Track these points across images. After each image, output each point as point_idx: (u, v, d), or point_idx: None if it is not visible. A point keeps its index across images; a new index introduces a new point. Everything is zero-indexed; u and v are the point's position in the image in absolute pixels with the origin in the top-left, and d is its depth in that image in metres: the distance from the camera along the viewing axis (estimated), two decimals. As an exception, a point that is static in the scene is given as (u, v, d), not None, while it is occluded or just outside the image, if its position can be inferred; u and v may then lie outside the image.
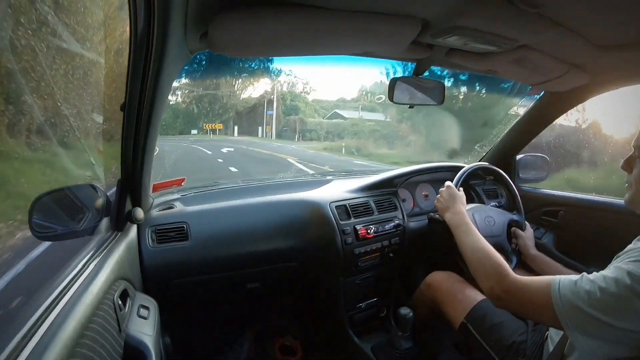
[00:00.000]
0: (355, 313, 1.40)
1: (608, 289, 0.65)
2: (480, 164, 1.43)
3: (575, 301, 0.67)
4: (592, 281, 0.68)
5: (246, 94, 17.61)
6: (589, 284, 0.67)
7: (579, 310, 0.66)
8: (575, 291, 0.68)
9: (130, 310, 0.81)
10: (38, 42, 1.17)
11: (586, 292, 0.67)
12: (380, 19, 0.75)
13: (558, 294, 0.70)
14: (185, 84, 15.42)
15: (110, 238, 0.93)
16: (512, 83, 2.09)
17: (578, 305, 0.67)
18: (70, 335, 0.55)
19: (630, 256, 0.69)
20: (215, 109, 16.97)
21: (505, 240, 1.29)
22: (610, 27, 0.84)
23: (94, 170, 1.28)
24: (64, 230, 0.84)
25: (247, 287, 1.28)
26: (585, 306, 0.66)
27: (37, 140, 1.75)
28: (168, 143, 11.89)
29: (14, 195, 1.66)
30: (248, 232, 1.23)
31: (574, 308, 0.67)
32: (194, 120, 16.83)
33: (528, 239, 1.30)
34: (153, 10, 0.60)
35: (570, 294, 0.68)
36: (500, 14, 0.73)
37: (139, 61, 0.70)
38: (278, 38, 0.77)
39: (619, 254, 0.74)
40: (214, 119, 16.77)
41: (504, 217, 1.32)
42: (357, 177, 1.67)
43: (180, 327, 1.39)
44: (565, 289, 0.70)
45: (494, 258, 0.88)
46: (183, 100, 16.08)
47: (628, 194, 0.82)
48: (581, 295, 0.67)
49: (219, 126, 16.89)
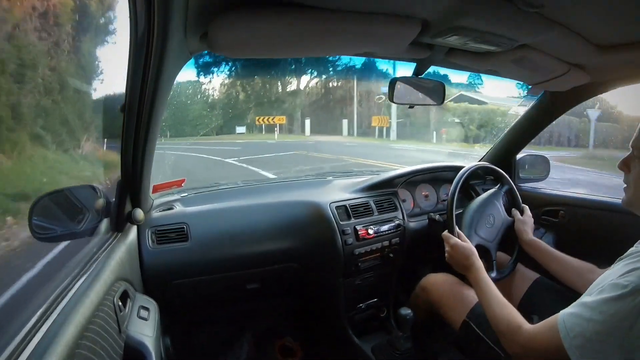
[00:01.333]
0: (355, 313, 1.40)
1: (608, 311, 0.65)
2: (480, 163, 1.42)
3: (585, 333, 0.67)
4: (592, 308, 0.68)
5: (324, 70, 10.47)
6: (589, 312, 0.68)
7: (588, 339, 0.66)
8: (579, 323, 0.68)
9: (130, 311, 0.81)
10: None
11: (589, 320, 0.67)
12: (380, 20, 0.74)
13: (564, 329, 0.69)
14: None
15: (110, 239, 0.93)
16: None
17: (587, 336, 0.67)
18: (70, 336, 0.55)
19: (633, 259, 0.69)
20: (273, 93, 11.13)
21: (494, 247, 1.26)
22: (611, 26, 0.84)
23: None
24: (64, 232, 0.84)
25: (247, 288, 1.28)
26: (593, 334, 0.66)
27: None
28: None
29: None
30: (248, 232, 1.23)
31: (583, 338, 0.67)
32: (240, 112, 11.36)
33: (525, 223, 1.27)
34: (153, 11, 0.60)
35: (579, 327, 0.68)
36: (501, 13, 0.73)
37: (139, 62, 0.70)
38: (278, 39, 0.77)
39: (622, 257, 0.74)
40: (270, 109, 11.08)
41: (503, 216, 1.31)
42: (357, 177, 1.67)
43: (180, 328, 1.39)
44: (570, 323, 0.69)
45: (508, 313, 0.87)
46: (222, 84, 10.40)
47: (626, 195, 0.81)
48: (586, 326, 0.67)
49: (280, 120, 11.03)
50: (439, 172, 1.60)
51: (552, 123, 1.52)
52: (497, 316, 0.88)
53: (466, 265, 1.05)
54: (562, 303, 0.98)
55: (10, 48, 1.14)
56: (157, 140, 0.93)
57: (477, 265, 1.04)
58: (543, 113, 1.48)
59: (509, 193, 1.35)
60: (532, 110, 1.50)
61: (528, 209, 1.32)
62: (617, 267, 0.72)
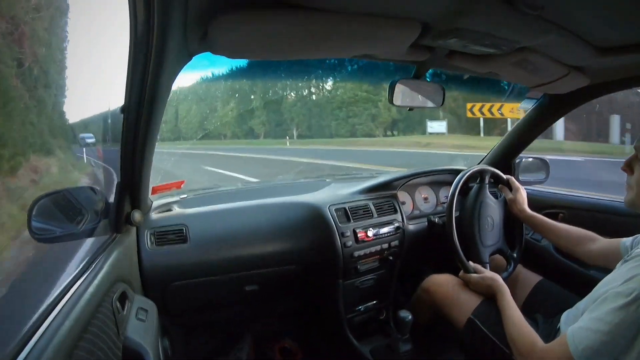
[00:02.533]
0: (354, 316, 1.39)
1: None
2: (479, 166, 1.43)
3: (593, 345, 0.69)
4: (598, 320, 0.69)
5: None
6: (596, 324, 0.69)
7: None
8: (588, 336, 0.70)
9: (129, 313, 0.81)
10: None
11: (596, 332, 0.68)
12: (380, 22, 0.74)
13: (573, 344, 0.71)
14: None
15: (109, 240, 0.93)
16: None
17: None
18: (68, 337, 0.55)
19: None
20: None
21: (504, 243, 1.29)
22: (611, 29, 0.84)
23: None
24: (63, 233, 0.83)
25: (246, 290, 1.28)
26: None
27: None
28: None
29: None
30: (247, 234, 1.23)
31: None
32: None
33: (517, 202, 1.28)
34: (152, 12, 0.60)
35: (587, 340, 0.70)
36: (501, 16, 0.73)
37: (139, 63, 0.70)
38: (278, 40, 0.77)
39: (625, 259, 0.74)
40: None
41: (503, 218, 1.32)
42: (356, 180, 1.67)
43: (179, 330, 1.39)
44: (579, 336, 0.71)
45: (526, 332, 0.88)
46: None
47: (628, 195, 0.82)
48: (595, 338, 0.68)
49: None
50: (438, 175, 1.60)
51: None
52: (517, 336, 0.89)
53: (493, 292, 1.07)
54: (564, 305, 0.99)
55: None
56: (156, 141, 0.93)
57: (502, 290, 1.05)
58: (542, 116, 1.48)
59: (493, 179, 1.36)
60: (532, 113, 1.50)
61: (514, 181, 1.34)
62: (620, 271, 0.72)
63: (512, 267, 1.28)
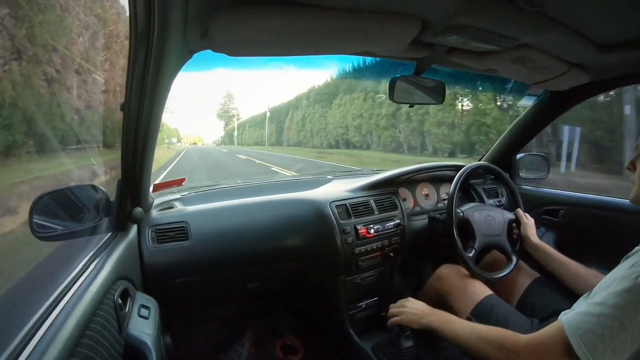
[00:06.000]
0: (355, 312, 1.40)
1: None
2: (480, 163, 1.43)
3: (589, 326, 0.64)
4: (600, 304, 0.65)
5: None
6: (598, 307, 0.65)
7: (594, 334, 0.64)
8: (586, 319, 0.66)
9: (131, 310, 0.81)
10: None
11: (597, 315, 0.64)
12: (380, 18, 0.74)
13: (570, 329, 0.66)
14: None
15: (110, 238, 0.94)
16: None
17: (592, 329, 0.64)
18: (70, 335, 0.55)
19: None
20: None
21: (505, 239, 1.29)
22: (611, 25, 0.84)
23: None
24: (65, 230, 0.84)
25: (248, 287, 1.28)
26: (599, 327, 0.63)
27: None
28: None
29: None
30: (248, 231, 1.23)
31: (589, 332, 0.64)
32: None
33: (530, 227, 1.28)
34: (153, 10, 0.60)
35: (587, 324, 0.65)
36: (501, 12, 0.73)
37: (139, 61, 0.70)
38: (278, 37, 0.77)
39: (628, 255, 0.73)
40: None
41: (504, 215, 1.33)
42: (357, 176, 1.67)
43: (181, 327, 1.39)
44: (576, 321, 0.66)
45: (492, 335, 0.81)
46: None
47: (633, 191, 0.82)
48: (593, 321, 0.64)
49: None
50: (440, 171, 1.60)
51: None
52: (484, 341, 0.81)
53: (425, 314, 1.02)
54: (561, 302, 0.99)
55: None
56: (157, 139, 0.93)
57: (435, 311, 1.01)
58: (543, 113, 1.48)
59: (509, 193, 1.36)
60: (532, 109, 1.50)
61: (522, 216, 1.32)
62: (624, 265, 0.72)
63: (513, 264, 1.28)
